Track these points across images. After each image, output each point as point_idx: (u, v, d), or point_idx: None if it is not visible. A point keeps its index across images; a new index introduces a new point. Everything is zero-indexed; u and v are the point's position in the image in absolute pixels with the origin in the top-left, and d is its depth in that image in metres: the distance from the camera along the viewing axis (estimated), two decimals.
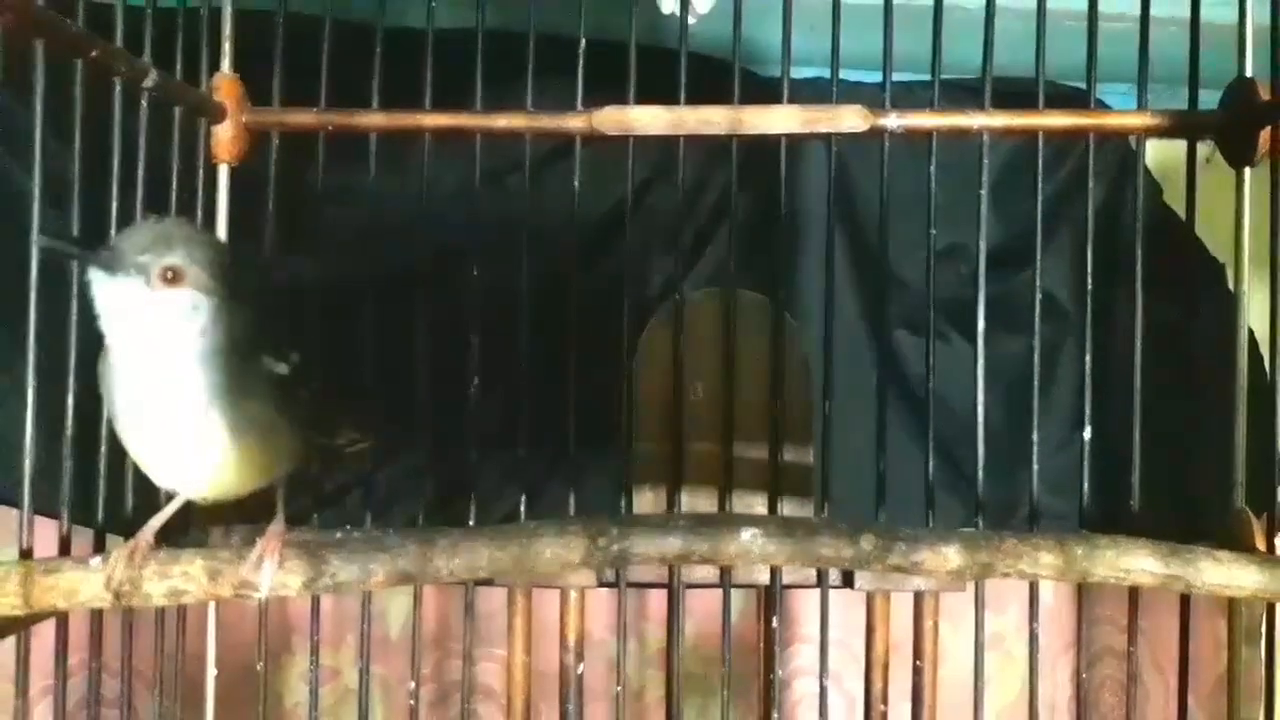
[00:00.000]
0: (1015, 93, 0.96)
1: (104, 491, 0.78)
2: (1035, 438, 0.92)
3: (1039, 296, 0.94)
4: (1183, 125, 0.93)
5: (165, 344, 0.61)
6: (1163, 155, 1.18)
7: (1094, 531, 0.79)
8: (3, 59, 0.65)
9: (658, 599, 1.29)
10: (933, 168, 0.94)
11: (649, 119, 0.95)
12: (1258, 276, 0.87)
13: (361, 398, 0.94)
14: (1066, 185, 1.30)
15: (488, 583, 0.92)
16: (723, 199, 1.25)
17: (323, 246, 0.97)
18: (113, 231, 0.77)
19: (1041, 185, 0.94)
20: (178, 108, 0.87)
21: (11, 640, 0.70)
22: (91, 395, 0.67)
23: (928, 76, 0.96)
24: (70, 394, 0.72)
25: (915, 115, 0.94)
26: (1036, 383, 0.93)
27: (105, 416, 0.70)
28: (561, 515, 0.91)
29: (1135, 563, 0.68)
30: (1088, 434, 0.92)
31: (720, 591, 0.96)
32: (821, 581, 0.95)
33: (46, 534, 0.72)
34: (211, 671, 0.93)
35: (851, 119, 0.94)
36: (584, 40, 0.96)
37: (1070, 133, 0.96)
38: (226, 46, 0.95)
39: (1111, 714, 1.34)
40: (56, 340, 0.71)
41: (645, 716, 1.39)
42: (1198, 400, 0.91)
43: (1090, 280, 0.94)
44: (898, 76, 0.96)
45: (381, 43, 0.96)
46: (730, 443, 0.96)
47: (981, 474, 0.92)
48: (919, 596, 0.94)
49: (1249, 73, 0.89)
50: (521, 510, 0.97)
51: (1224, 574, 0.68)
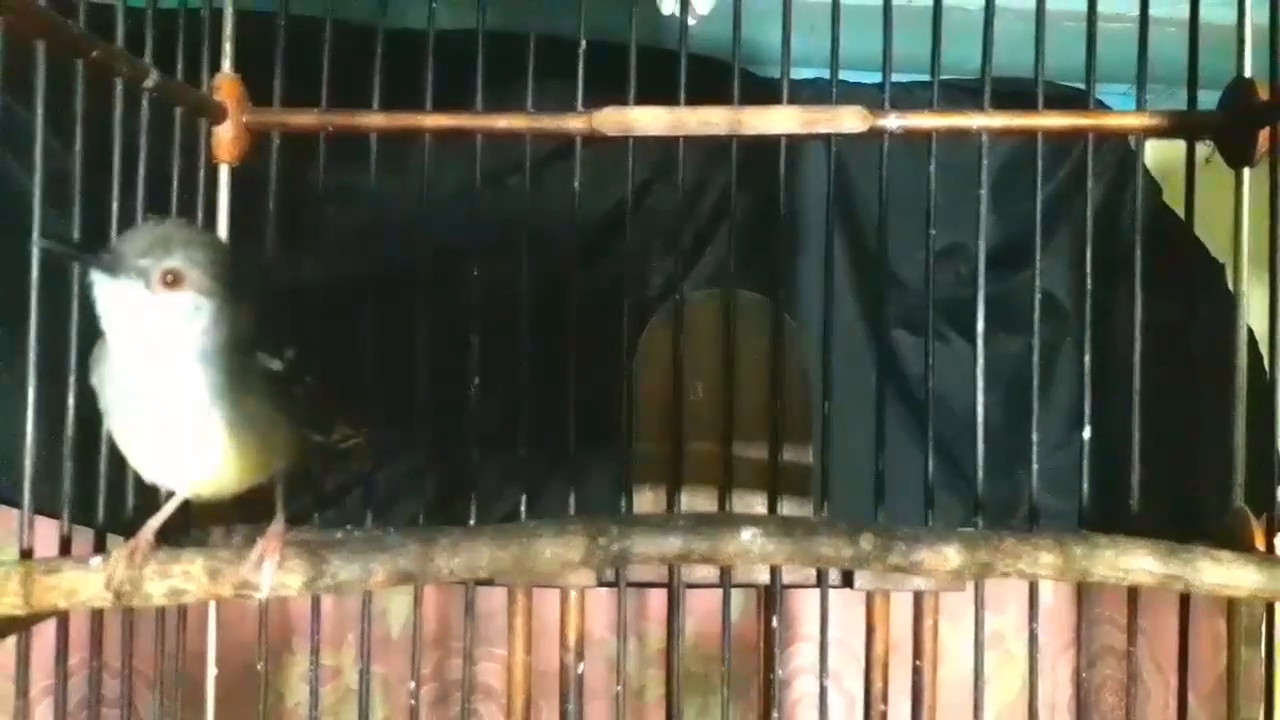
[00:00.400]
0: (1014, 93, 0.97)
1: (104, 491, 0.78)
2: (1035, 437, 0.92)
3: (1038, 296, 0.94)
4: (1182, 125, 0.93)
5: (166, 345, 0.62)
6: (1162, 155, 1.18)
7: (1093, 531, 0.80)
8: (4, 59, 0.65)
9: (658, 598, 1.29)
10: (932, 168, 0.94)
11: (649, 119, 0.95)
12: (1257, 276, 0.87)
13: (355, 394, 0.94)
14: (1066, 185, 1.31)
15: (488, 582, 0.92)
16: (722, 199, 1.25)
17: (323, 247, 0.97)
18: (114, 232, 0.77)
19: (1041, 186, 0.94)
20: (179, 108, 0.88)
21: (12, 640, 0.70)
22: (92, 395, 0.67)
23: (927, 77, 0.96)
24: (70, 394, 0.72)
25: (915, 116, 0.94)
26: (1036, 382, 0.93)
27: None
28: (561, 515, 0.91)
29: (1134, 562, 0.68)
30: (1087, 433, 0.92)
31: (720, 591, 0.96)
32: (821, 581, 0.95)
33: (47, 534, 0.72)
34: (212, 671, 0.93)
35: (851, 120, 0.94)
36: (584, 41, 0.96)
37: (1069, 133, 0.97)
38: (227, 47, 0.95)
39: (1111, 714, 1.35)
40: (56, 340, 0.71)
41: (645, 716, 1.39)
42: (1197, 400, 0.91)
43: (1089, 280, 0.94)
44: (897, 77, 0.96)
45: (382, 43, 0.96)
46: (730, 443, 0.96)
47: (981, 473, 0.92)
48: (919, 596, 0.94)
49: (1248, 73, 0.89)
50: (521, 510, 0.97)
51: (1223, 574, 0.68)
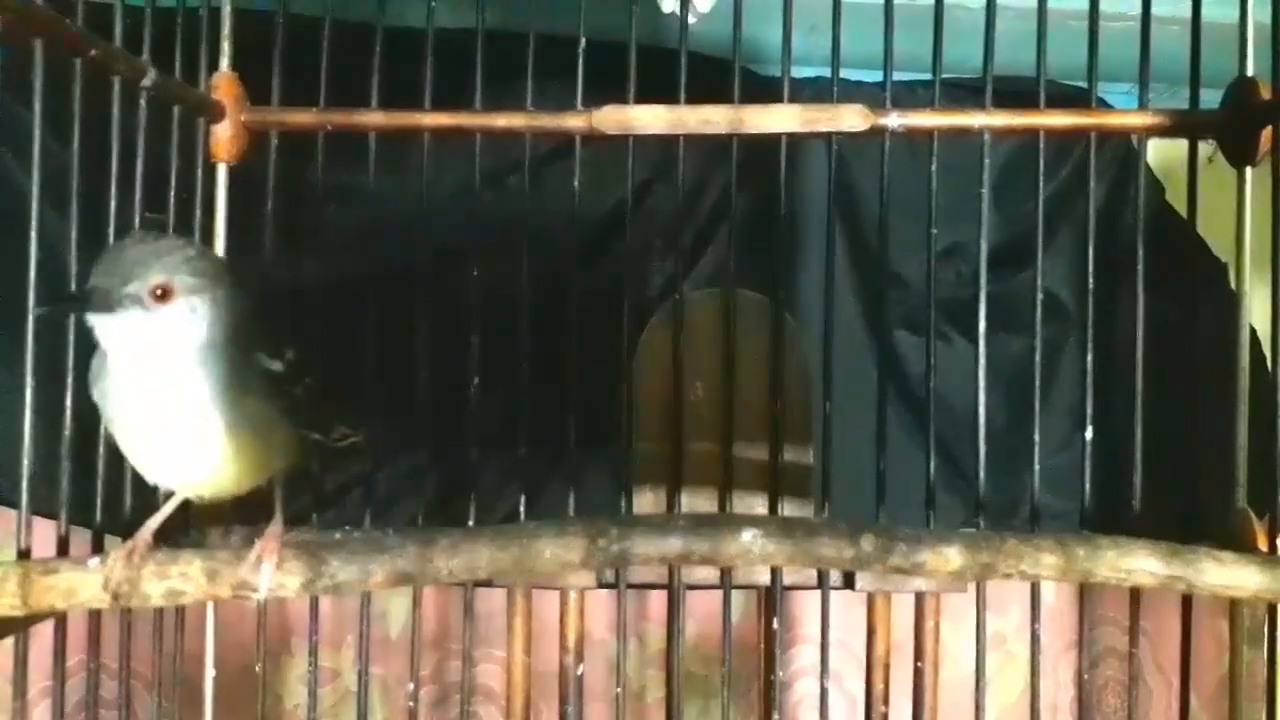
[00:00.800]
0: (1016, 92, 0.96)
1: (102, 492, 0.78)
2: (1036, 437, 0.92)
3: (1040, 296, 0.94)
4: (1184, 125, 0.93)
5: (168, 353, 0.62)
6: (1164, 154, 1.18)
7: (1095, 532, 0.79)
8: (2, 58, 0.65)
9: (658, 599, 1.29)
10: (934, 167, 0.94)
11: (649, 118, 0.94)
12: (1259, 276, 0.86)
13: (354, 394, 0.94)
14: (1068, 185, 1.30)
15: (487, 583, 0.92)
16: (723, 199, 1.25)
17: (322, 246, 0.97)
18: (111, 231, 0.77)
19: (1043, 185, 0.94)
20: (177, 107, 0.87)
21: (10, 641, 0.69)
22: (90, 395, 0.67)
23: (929, 76, 0.96)
24: (68, 394, 0.72)
25: (916, 115, 0.94)
26: (1038, 382, 0.93)
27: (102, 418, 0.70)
28: (561, 515, 0.91)
29: (1137, 563, 0.67)
30: (1089, 434, 0.92)
31: (721, 592, 0.96)
32: (822, 582, 0.95)
33: (45, 534, 0.71)
34: (210, 672, 0.93)
35: (852, 118, 0.94)
36: (584, 40, 0.96)
37: (1071, 132, 0.96)
38: (225, 45, 0.95)
39: (1114, 715, 1.34)
40: (54, 340, 0.71)
41: (645, 717, 1.38)
42: (1199, 400, 0.91)
43: (1091, 280, 0.93)
44: (898, 76, 0.96)
45: (381, 42, 0.96)
46: (730, 443, 0.96)
47: (982, 474, 0.92)
48: (920, 597, 0.94)
49: (1250, 72, 0.89)
50: (521, 511, 0.97)
51: (1226, 575, 0.67)
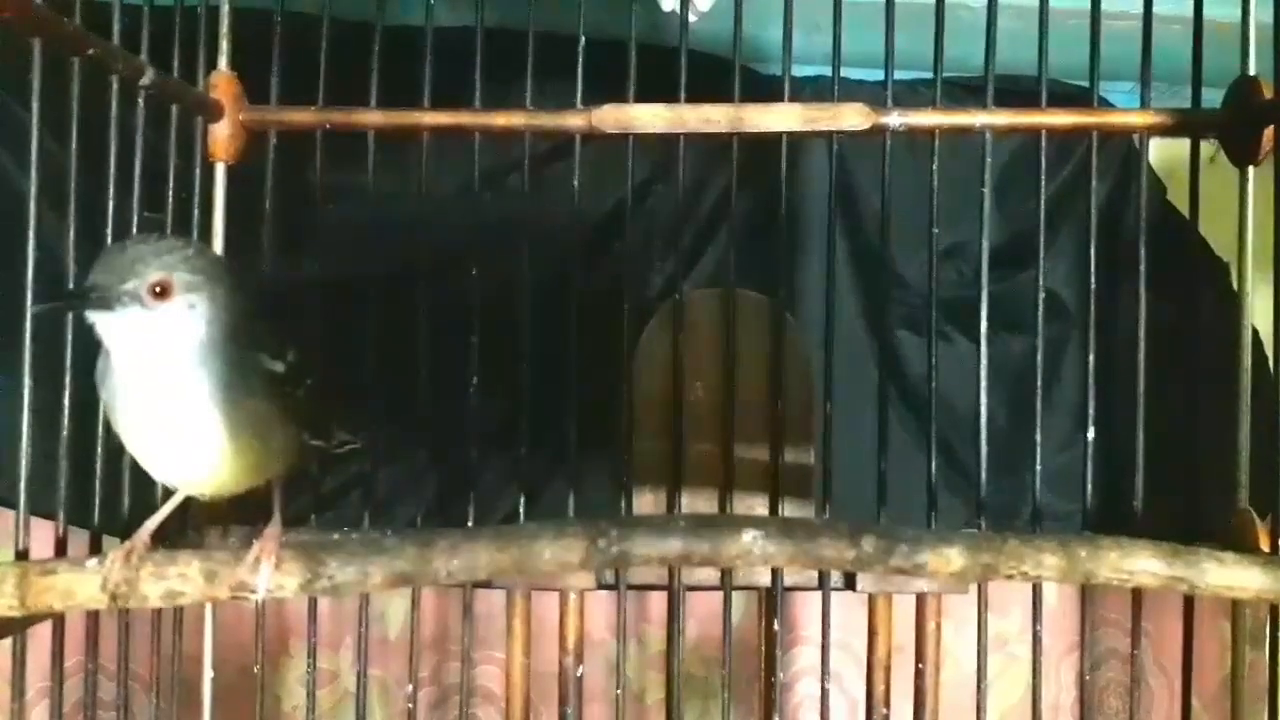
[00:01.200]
0: (1018, 91, 0.96)
1: (100, 493, 0.78)
2: (1038, 438, 0.92)
3: (1042, 296, 0.94)
4: (1186, 124, 0.93)
5: (171, 348, 0.62)
6: (1166, 154, 1.18)
7: (1097, 532, 0.79)
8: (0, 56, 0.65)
9: (658, 601, 1.28)
10: (935, 166, 0.94)
11: (649, 117, 0.94)
12: (1261, 275, 0.86)
13: (355, 398, 0.93)
14: (1069, 184, 1.30)
15: (487, 584, 0.91)
16: (723, 199, 1.24)
17: (321, 245, 0.97)
18: (109, 231, 0.77)
19: (1044, 184, 0.94)
20: (175, 106, 0.87)
21: (8, 642, 0.69)
22: (88, 396, 0.66)
23: (930, 75, 0.96)
24: (66, 395, 0.72)
25: (917, 114, 0.94)
26: (1040, 382, 0.92)
27: (101, 417, 0.70)
28: (561, 516, 0.91)
29: (1138, 564, 0.67)
30: (1091, 434, 0.92)
31: (721, 593, 0.95)
32: (823, 583, 0.95)
33: (43, 535, 0.71)
34: (209, 674, 0.93)
35: (853, 117, 0.94)
36: (584, 38, 0.96)
37: (1073, 131, 0.96)
38: (224, 44, 0.95)
39: (1116, 717, 1.34)
40: (53, 341, 0.70)
41: (645, 719, 1.38)
42: (1201, 400, 0.90)
43: (1093, 279, 0.93)
44: (900, 75, 0.96)
45: (380, 41, 0.96)
46: (730, 443, 0.95)
47: (984, 475, 0.92)
48: (921, 598, 0.94)
49: (1252, 71, 0.89)
50: (521, 511, 0.97)
51: (1228, 575, 0.67)
